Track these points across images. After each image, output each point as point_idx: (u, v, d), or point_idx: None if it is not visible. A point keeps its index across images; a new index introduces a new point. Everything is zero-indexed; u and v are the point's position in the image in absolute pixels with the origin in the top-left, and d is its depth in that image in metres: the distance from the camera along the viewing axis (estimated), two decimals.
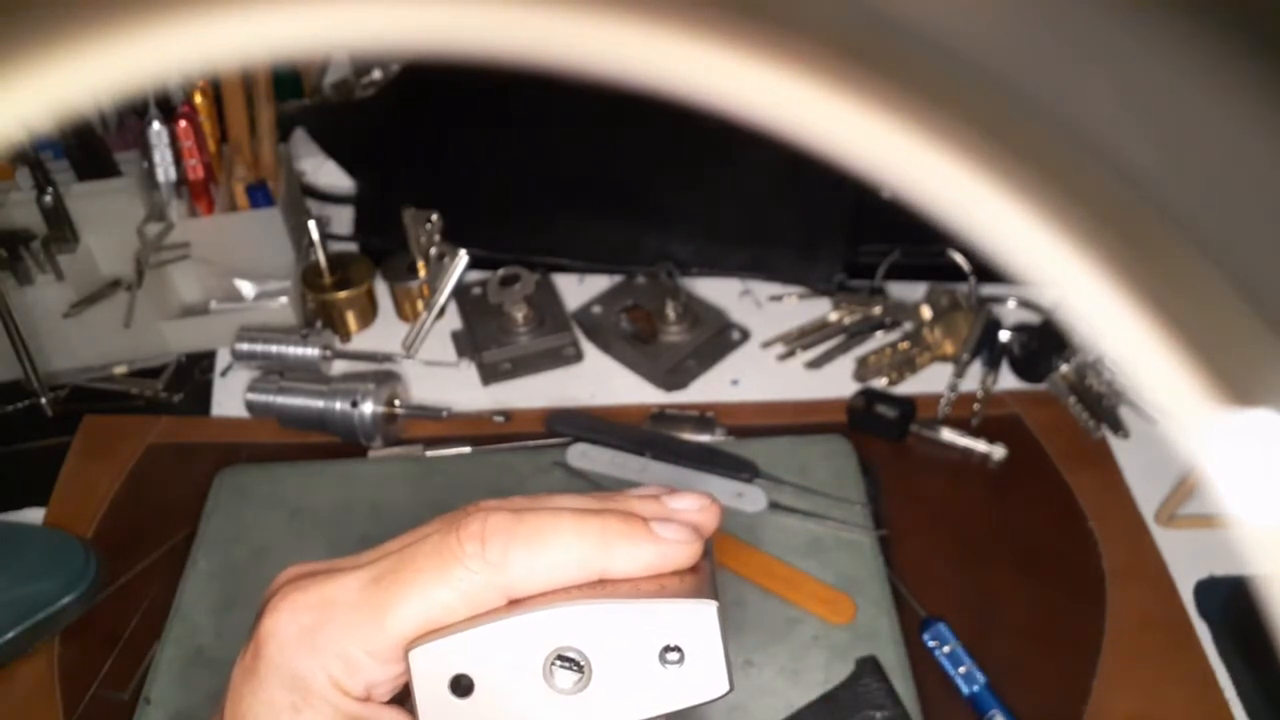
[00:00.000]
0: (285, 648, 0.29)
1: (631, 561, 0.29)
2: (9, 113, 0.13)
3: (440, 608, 0.28)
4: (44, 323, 0.75)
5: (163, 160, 0.77)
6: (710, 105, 0.14)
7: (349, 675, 0.29)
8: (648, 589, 0.29)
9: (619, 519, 0.29)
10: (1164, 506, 0.66)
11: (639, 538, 0.29)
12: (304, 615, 0.29)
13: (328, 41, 0.13)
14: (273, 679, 0.29)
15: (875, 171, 0.14)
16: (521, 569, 0.28)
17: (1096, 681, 0.58)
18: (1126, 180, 0.13)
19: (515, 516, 0.29)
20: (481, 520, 0.29)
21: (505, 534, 0.28)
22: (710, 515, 0.31)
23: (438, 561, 0.29)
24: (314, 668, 0.29)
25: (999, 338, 0.76)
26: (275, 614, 0.29)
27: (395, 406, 0.72)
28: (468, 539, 0.28)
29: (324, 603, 0.29)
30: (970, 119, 0.13)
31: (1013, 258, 0.14)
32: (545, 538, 0.29)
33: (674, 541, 0.29)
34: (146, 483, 0.71)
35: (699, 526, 0.31)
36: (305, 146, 0.96)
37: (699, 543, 0.30)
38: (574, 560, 0.29)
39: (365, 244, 0.87)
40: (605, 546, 0.29)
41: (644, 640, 0.28)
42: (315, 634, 0.29)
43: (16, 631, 0.59)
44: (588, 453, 0.70)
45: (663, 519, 0.30)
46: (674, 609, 0.28)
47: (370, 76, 1.05)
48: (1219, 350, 0.14)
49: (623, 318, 0.80)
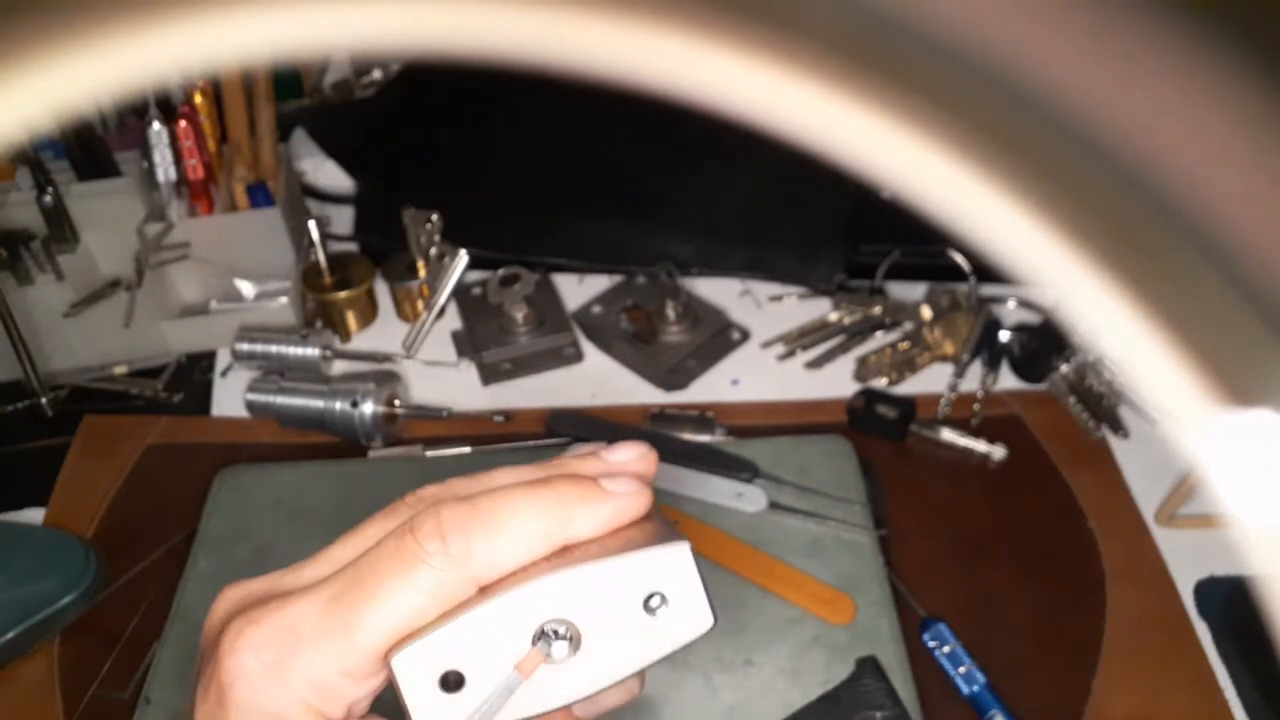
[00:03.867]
0: (255, 688, 0.27)
1: (591, 522, 0.29)
2: (9, 113, 0.13)
3: (411, 612, 0.27)
4: (44, 323, 0.75)
5: (163, 160, 0.77)
6: (710, 105, 0.14)
7: (326, 701, 0.28)
8: (614, 545, 0.29)
9: (570, 483, 0.29)
10: (1164, 506, 0.66)
11: (594, 497, 0.29)
12: (265, 651, 0.27)
13: (328, 41, 0.13)
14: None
15: (875, 171, 0.14)
16: (486, 556, 0.28)
17: (1096, 681, 0.58)
18: (1126, 180, 0.13)
19: (469, 505, 0.28)
20: (435, 516, 0.28)
21: (463, 525, 0.28)
22: (650, 462, 0.31)
23: (399, 566, 0.28)
24: (289, 702, 0.27)
25: (999, 338, 0.76)
26: (235, 653, 0.28)
27: (395, 406, 0.72)
28: (426, 538, 0.28)
29: (284, 631, 0.28)
30: (970, 119, 0.13)
31: (1012, 258, 0.14)
32: (504, 519, 0.28)
33: (626, 494, 0.29)
34: (146, 483, 0.71)
35: (643, 475, 0.31)
36: (305, 146, 0.96)
37: (648, 491, 0.30)
38: (537, 535, 0.28)
39: (365, 244, 0.87)
40: (564, 514, 0.29)
41: (626, 594, 0.28)
42: (283, 668, 0.27)
43: (16, 631, 0.59)
44: None
45: (609, 474, 0.30)
46: (650, 557, 0.28)
47: (370, 76, 1.05)
48: (1219, 350, 0.14)
49: (623, 318, 0.80)
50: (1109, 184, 0.13)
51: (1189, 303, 0.14)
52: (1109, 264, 0.14)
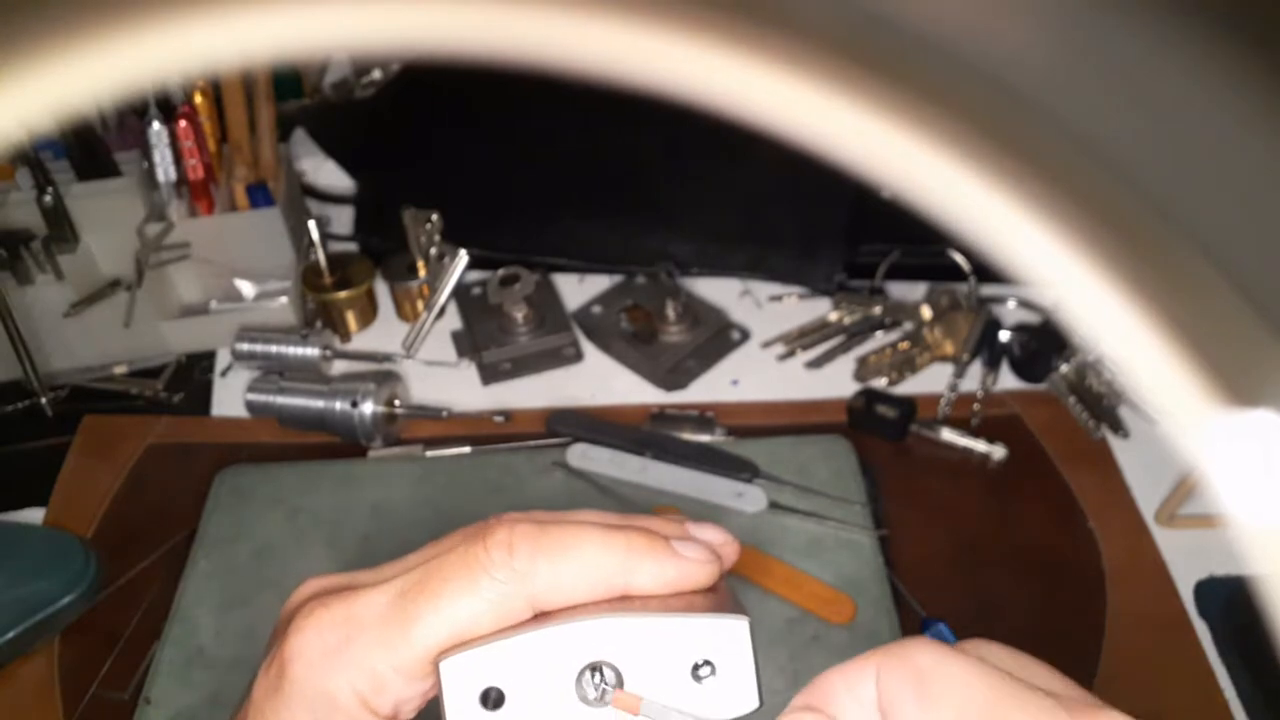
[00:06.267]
0: (313, 666, 0.28)
1: (654, 578, 0.29)
2: (9, 113, 0.13)
3: (468, 619, 0.28)
4: (44, 323, 0.75)
5: (163, 160, 0.77)
6: (710, 105, 0.14)
7: (376, 694, 0.28)
8: (676, 605, 0.29)
9: (642, 535, 0.30)
10: (1164, 506, 0.66)
11: (662, 554, 0.29)
12: (329, 633, 0.29)
13: (328, 41, 0.13)
14: (298, 698, 0.28)
15: (875, 171, 0.14)
16: (548, 579, 0.28)
17: (1096, 681, 0.58)
18: (1126, 180, 0.13)
19: (541, 527, 0.29)
20: (509, 529, 0.29)
21: (532, 543, 0.28)
22: (731, 550, 0.32)
23: (464, 571, 0.28)
24: (342, 686, 0.28)
25: (999, 338, 0.76)
26: (301, 632, 0.29)
27: (395, 406, 0.72)
28: (494, 547, 0.28)
29: (350, 619, 0.29)
30: (969, 119, 0.13)
31: (1012, 258, 0.14)
32: (570, 548, 0.29)
33: (695, 560, 0.30)
34: (146, 483, 0.71)
35: (720, 553, 0.31)
36: (305, 146, 0.96)
37: (719, 563, 0.30)
38: (599, 573, 0.29)
39: (365, 244, 0.87)
40: (629, 561, 0.29)
41: (676, 654, 0.28)
42: (342, 651, 0.28)
43: (16, 631, 0.59)
44: (588, 453, 0.70)
45: (684, 539, 0.30)
46: (708, 624, 0.28)
47: (370, 76, 1.05)
48: (1219, 350, 0.14)
49: (623, 318, 0.80)
50: (1109, 184, 0.13)
51: (1189, 303, 0.14)
52: (1109, 264, 0.14)
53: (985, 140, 0.13)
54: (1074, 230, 0.14)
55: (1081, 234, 0.14)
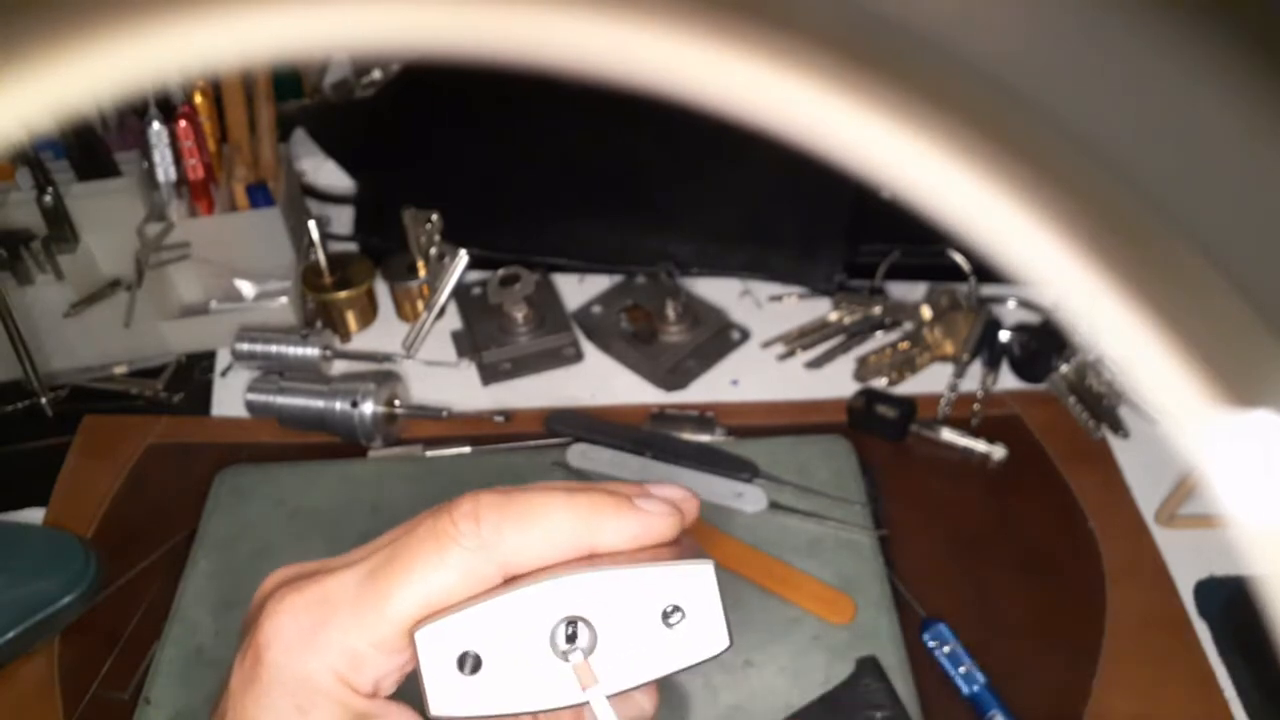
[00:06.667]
0: (289, 650, 0.29)
1: (618, 534, 0.30)
2: (9, 113, 0.13)
3: (440, 589, 0.29)
4: (44, 323, 0.75)
5: (163, 160, 0.77)
6: (710, 106, 0.14)
7: (355, 671, 0.29)
8: (643, 559, 0.30)
9: (605, 494, 0.31)
10: (1164, 506, 0.66)
11: (625, 511, 0.30)
12: (303, 616, 0.29)
13: (328, 41, 0.13)
14: (276, 684, 0.29)
15: (875, 172, 0.14)
16: (516, 544, 0.29)
17: (1096, 681, 0.58)
18: (1126, 180, 0.13)
19: (506, 495, 0.30)
20: (473, 500, 0.29)
21: (498, 511, 0.29)
22: (691, 505, 0.33)
23: (433, 544, 0.29)
24: (319, 668, 0.28)
25: (999, 338, 0.76)
26: (274, 617, 0.29)
27: (395, 406, 0.72)
28: (461, 518, 0.29)
29: (322, 601, 0.29)
30: (969, 119, 0.13)
31: (1012, 258, 0.14)
32: (536, 513, 0.29)
33: (657, 514, 0.31)
34: (146, 483, 0.71)
35: (678, 504, 0.32)
36: (305, 146, 0.96)
37: (680, 516, 0.31)
38: (565, 533, 0.30)
39: (365, 244, 0.87)
40: (594, 519, 0.30)
41: (647, 603, 0.29)
42: (317, 633, 0.29)
43: (16, 631, 0.59)
44: (588, 453, 0.70)
45: (644, 495, 0.31)
46: (673, 570, 0.29)
47: (370, 76, 1.05)
48: (1219, 350, 0.14)
49: (623, 318, 0.80)
50: (1109, 184, 0.13)
51: (1189, 303, 0.14)
52: (1109, 264, 0.14)
53: (985, 140, 0.13)
54: (1074, 230, 0.14)
55: (1081, 234, 0.14)
